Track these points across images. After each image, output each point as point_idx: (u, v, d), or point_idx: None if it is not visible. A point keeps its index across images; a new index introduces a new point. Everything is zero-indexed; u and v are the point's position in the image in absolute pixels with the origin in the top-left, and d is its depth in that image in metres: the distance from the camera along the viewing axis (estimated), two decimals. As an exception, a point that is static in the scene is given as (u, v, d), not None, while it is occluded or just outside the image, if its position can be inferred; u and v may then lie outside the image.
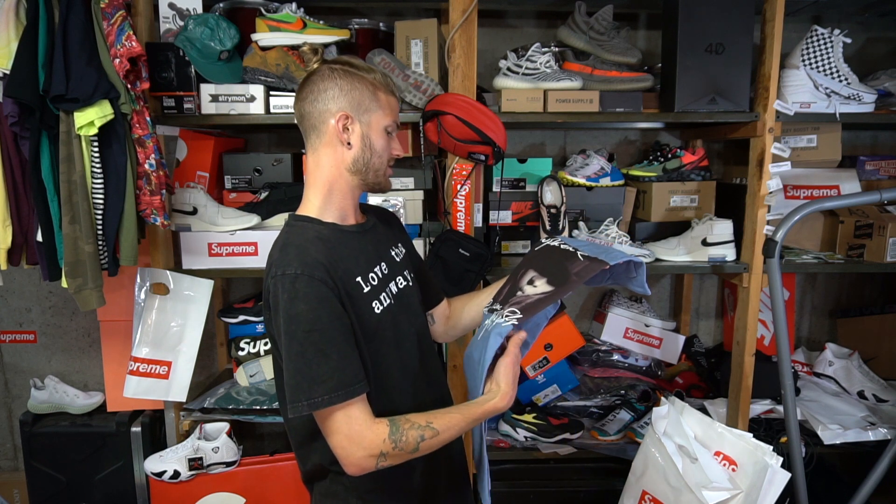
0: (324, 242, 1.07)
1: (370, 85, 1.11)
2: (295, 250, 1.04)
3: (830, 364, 2.13)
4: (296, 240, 1.07)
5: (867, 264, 1.93)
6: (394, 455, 1.01)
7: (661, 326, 2.11)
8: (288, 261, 1.02)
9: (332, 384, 0.98)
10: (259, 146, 2.25)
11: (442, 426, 1.03)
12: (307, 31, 1.73)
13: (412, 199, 1.82)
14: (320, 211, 1.13)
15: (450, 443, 1.10)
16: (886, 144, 2.31)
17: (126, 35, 1.48)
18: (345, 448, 1.00)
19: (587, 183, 1.93)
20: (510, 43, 2.14)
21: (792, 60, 1.79)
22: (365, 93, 1.10)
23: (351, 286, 1.07)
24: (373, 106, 1.11)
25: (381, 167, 1.15)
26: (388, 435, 1.00)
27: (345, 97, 1.09)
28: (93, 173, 1.52)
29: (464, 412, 1.06)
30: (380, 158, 1.14)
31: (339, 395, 0.98)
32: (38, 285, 2.26)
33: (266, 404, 1.84)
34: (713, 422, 1.61)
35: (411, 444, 1.01)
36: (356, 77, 1.10)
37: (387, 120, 1.13)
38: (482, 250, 1.69)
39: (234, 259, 1.79)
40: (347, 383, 0.99)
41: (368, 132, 1.12)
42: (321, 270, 1.01)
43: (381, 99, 1.12)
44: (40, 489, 2.03)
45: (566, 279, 1.18)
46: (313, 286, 1.00)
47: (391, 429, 1.01)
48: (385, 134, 1.14)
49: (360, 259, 1.12)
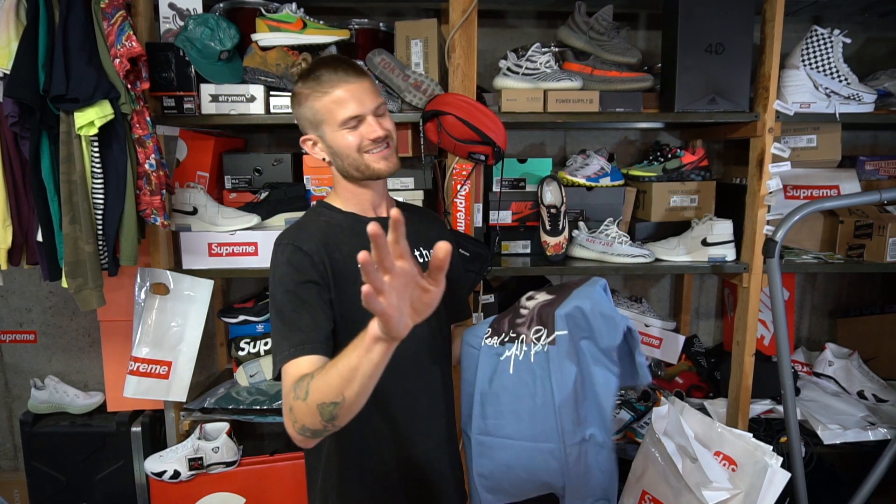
0: (330, 226, 1.16)
1: (305, 99, 1.16)
2: (297, 226, 1.17)
3: (830, 364, 2.13)
4: (305, 219, 1.20)
5: (867, 264, 1.93)
6: (297, 407, 0.92)
7: (660, 326, 2.11)
8: (287, 233, 1.15)
9: (288, 344, 1.03)
10: (259, 146, 2.25)
11: (330, 365, 0.90)
12: (307, 32, 1.73)
13: (412, 199, 1.82)
14: (342, 202, 1.23)
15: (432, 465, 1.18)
16: (886, 144, 2.31)
17: (126, 35, 1.48)
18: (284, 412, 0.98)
19: (587, 183, 1.93)
20: (510, 43, 2.14)
21: (792, 60, 1.79)
22: (307, 111, 1.17)
23: (347, 271, 1.11)
24: (318, 118, 1.16)
25: (357, 161, 1.17)
26: (294, 386, 0.94)
27: (302, 121, 1.20)
28: (93, 173, 1.52)
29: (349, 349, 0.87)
30: (349, 158, 1.17)
31: (286, 354, 1.02)
32: (39, 285, 2.26)
33: (266, 404, 1.84)
34: (713, 422, 1.61)
35: (303, 387, 0.92)
36: (301, 97, 1.17)
37: (338, 117, 1.13)
38: (482, 250, 1.68)
39: (234, 259, 1.79)
40: (295, 343, 1.03)
41: (330, 140, 1.17)
42: (309, 244, 1.10)
43: (325, 99, 1.13)
44: (40, 489, 2.03)
45: (560, 287, 1.23)
46: (296, 254, 1.09)
47: (298, 379, 0.95)
48: (346, 129, 1.14)
49: (369, 247, 1.12)
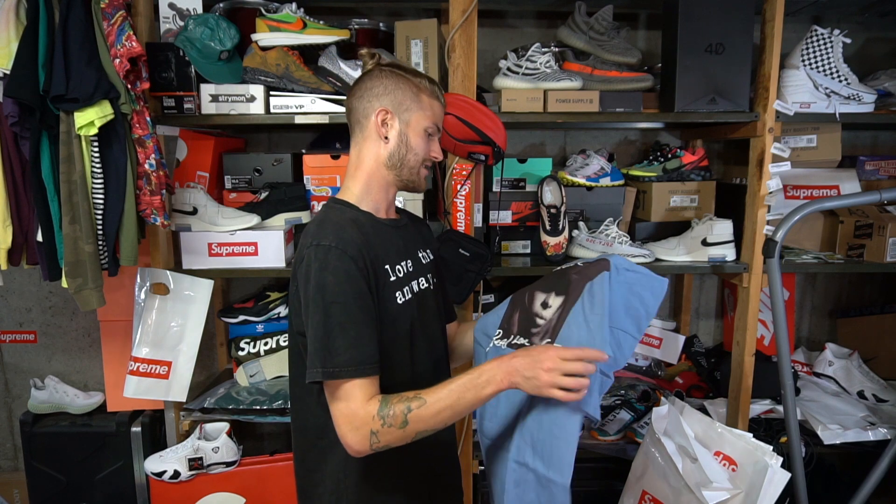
0: (359, 226, 1.12)
1: (414, 87, 1.17)
2: (332, 226, 1.09)
3: (830, 364, 2.13)
4: (334, 217, 1.12)
5: (867, 264, 1.93)
6: (385, 432, 1.00)
7: (660, 326, 2.10)
8: (324, 234, 1.07)
9: (346, 358, 1.01)
10: (259, 146, 2.25)
11: (431, 396, 1.01)
12: (307, 32, 1.73)
13: (412, 199, 1.81)
14: (358, 200, 1.18)
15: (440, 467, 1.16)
16: (886, 144, 2.31)
17: (126, 35, 1.48)
18: (340, 426, 1.02)
19: (587, 183, 1.93)
20: (510, 43, 2.14)
21: (792, 60, 1.79)
22: (408, 93, 1.16)
23: (380, 272, 1.11)
24: (413, 106, 1.16)
25: (416, 165, 1.19)
26: (377, 411, 1.00)
27: (388, 95, 1.15)
28: (93, 173, 1.52)
29: (457, 382, 1.02)
30: (415, 156, 1.18)
31: (348, 370, 1.01)
32: (39, 285, 2.26)
33: (266, 404, 1.84)
34: (713, 422, 1.61)
35: (399, 417, 0.99)
36: (402, 78, 1.17)
37: (426, 122, 1.18)
38: (482, 250, 1.68)
39: (234, 259, 1.79)
40: (359, 361, 1.02)
41: (406, 130, 1.16)
42: (354, 248, 1.06)
43: (424, 101, 1.17)
44: (40, 489, 2.03)
45: (568, 282, 1.20)
46: (344, 261, 1.04)
47: (381, 405, 1.01)
48: (424, 135, 1.18)
49: (391, 250, 1.16)
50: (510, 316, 1.26)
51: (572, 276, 1.20)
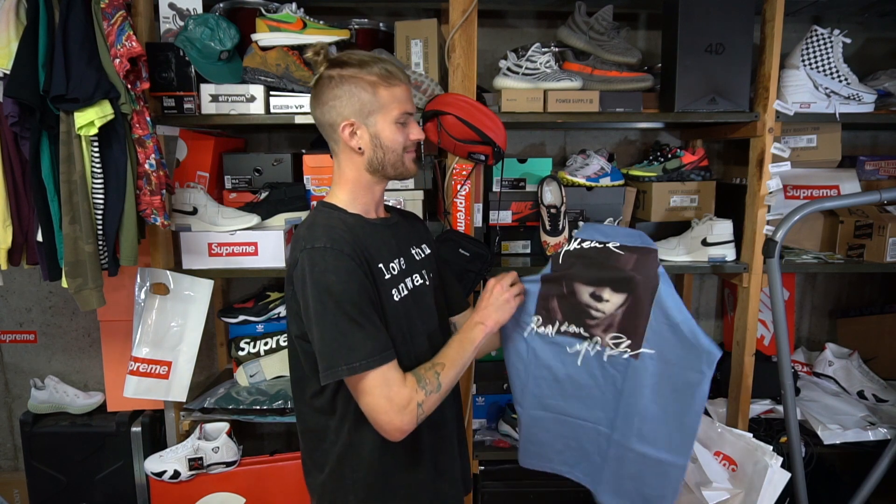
0: (349, 227, 1.12)
1: (369, 85, 1.12)
2: (323, 228, 1.10)
3: (830, 364, 2.13)
4: (322, 220, 1.13)
5: (867, 264, 1.93)
6: (427, 401, 1.09)
7: (661, 326, 2.10)
8: (316, 236, 1.08)
9: (368, 350, 1.04)
10: (259, 146, 2.25)
11: (447, 358, 1.15)
12: (307, 32, 1.73)
13: (412, 199, 1.82)
14: (346, 204, 1.19)
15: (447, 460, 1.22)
16: (886, 144, 2.31)
17: (126, 35, 1.48)
18: (386, 411, 1.05)
19: (587, 183, 1.93)
20: (510, 43, 2.14)
21: (792, 60, 1.79)
22: (364, 95, 1.12)
23: (374, 270, 1.11)
24: (375, 107, 1.13)
25: (397, 160, 1.18)
26: (417, 385, 1.09)
27: (347, 105, 1.13)
28: (93, 173, 1.52)
29: (456, 340, 1.19)
30: (394, 153, 1.16)
31: (375, 359, 1.04)
32: (39, 285, 2.26)
33: (266, 404, 1.84)
34: (713, 422, 1.61)
35: (433, 381, 1.11)
36: (355, 80, 1.12)
37: (394, 113, 1.15)
38: (482, 250, 1.69)
39: (234, 259, 1.79)
40: (381, 349, 1.05)
41: (376, 132, 1.14)
42: (348, 247, 1.07)
43: (383, 96, 1.13)
44: (40, 489, 2.03)
45: (630, 280, 1.27)
46: (342, 260, 1.06)
47: (416, 379, 1.09)
48: (396, 126, 1.16)
49: (383, 249, 1.16)
50: (546, 306, 1.34)
51: (635, 277, 1.26)
